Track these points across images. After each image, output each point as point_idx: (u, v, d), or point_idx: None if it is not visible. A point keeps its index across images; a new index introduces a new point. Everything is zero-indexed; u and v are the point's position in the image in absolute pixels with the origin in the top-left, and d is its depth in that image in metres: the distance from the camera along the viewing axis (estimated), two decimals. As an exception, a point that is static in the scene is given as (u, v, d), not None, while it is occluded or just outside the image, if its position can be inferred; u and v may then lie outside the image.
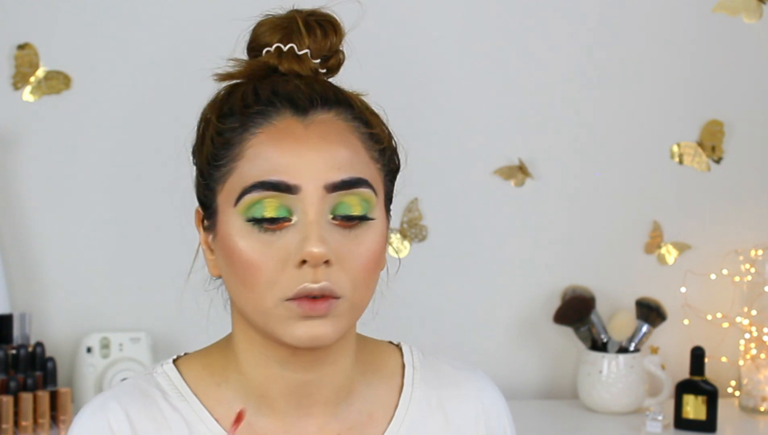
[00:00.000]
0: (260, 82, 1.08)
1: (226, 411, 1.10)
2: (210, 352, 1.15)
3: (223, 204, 1.06)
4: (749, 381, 2.51)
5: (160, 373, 1.13)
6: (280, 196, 1.02)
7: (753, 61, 2.64)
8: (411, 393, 1.16)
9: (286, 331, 1.03)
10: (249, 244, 1.03)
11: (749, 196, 2.66)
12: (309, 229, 1.02)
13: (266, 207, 1.02)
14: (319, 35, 1.09)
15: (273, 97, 1.06)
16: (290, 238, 1.02)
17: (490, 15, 2.54)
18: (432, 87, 2.50)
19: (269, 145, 1.04)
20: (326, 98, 1.07)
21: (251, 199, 1.03)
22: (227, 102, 1.09)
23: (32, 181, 2.36)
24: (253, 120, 1.05)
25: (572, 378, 2.59)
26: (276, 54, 1.09)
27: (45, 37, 2.35)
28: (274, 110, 1.05)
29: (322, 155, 1.03)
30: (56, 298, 2.37)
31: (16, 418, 2.09)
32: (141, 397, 1.11)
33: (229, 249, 1.04)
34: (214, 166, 1.07)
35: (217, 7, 2.41)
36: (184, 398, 1.11)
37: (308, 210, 1.02)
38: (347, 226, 1.04)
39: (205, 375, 1.13)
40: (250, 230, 1.03)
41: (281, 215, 1.03)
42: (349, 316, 1.05)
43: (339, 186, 1.03)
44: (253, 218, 1.03)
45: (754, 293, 2.58)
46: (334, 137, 1.05)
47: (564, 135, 2.59)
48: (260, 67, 1.10)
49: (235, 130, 1.06)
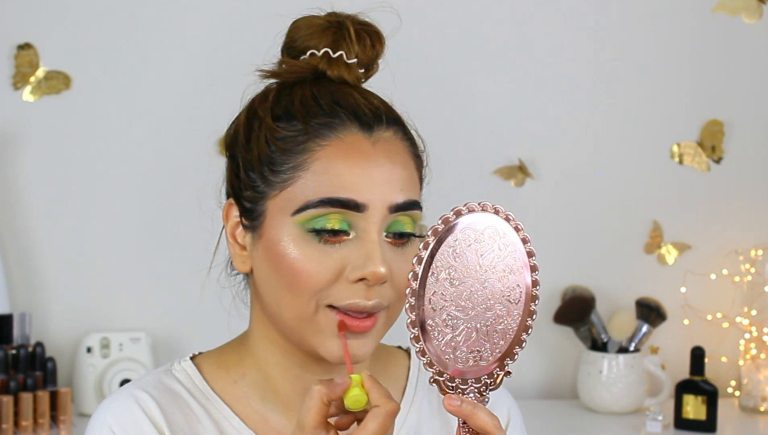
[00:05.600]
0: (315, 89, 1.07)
1: (245, 408, 1.11)
2: (224, 351, 1.15)
3: (276, 210, 1.05)
4: (749, 381, 2.51)
5: (179, 370, 1.13)
6: (345, 212, 1.02)
7: (753, 61, 2.64)
8: (413, 396, 1.18)
9: (322, 342, 1.04)
10: (305, 252, 1.03)
11: (749, 196, 2.66)
12: (373, 248, 1.02)
13: (330, 220, 1.02)
14: (368, 45, 1.10)
15: (337, 108, 1.05)
16: (348, 252, 1.02)
17: (490, 16, 2.54)
18: (431, 87, 2.50)
19: (337, 160, 1.03)
20: (387, 116, 1.08)
21: (315, 213, 1.02)
22: (280, 103, 1.08)
23: (32, 181, 2.36)
24: (319, 131, 1.04)
25: (572, 378, 2.59)
26: (325, 59, 1.09)
27: (45, 37, 2.35)
28: (341, 123, 1.05)
29: (388, 175, 1.04)
30: (56, 298, 2.37)
31: (16, 418, 2.09)
32: (167, 390, 1.11)
33: (280, 254, 1.04)
34: (270, 170, 1.05)
35: (217, 8, 2.41)
36: (206, 396, 1.11)
37: (371, 229, 1.03)
38: (398, 243, 1.05)
39: (221, 373, 1.13)
40: (308, 240, 1.03)
41: (342, 228, 1.03)
42: (384, 330, 1.07)
43: (401, 207, 1.05)
44: (314, 229, 1.03)
45: (754, 293, 2.58)
46: (397, 157, 1.06)
47: (564, 135, 2.59)
48: (307, 70, 1.09)
49: (297, 137, 1.05)
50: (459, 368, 0.97)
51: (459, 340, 0.96)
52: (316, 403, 0.96)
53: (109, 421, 1.08)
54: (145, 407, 1.08)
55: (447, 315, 0.96)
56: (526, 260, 0.98)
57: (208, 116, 2.34)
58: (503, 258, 0.97)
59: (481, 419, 0.96)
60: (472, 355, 0.97)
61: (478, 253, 0.96)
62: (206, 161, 2.20)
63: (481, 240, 0.96)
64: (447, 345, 0.96)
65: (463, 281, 0.96)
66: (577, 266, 2.59)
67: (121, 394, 1.10)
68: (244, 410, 1.11)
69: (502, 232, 0.97)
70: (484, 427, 0.96)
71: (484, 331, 0.97)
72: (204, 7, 2.41)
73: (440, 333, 0.96)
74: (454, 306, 0.96)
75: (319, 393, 0.96)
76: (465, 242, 0.96)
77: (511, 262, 0.97)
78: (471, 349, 0.97)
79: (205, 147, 2.32)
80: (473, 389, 0.98)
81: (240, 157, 1.09)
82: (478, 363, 0.97)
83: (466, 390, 0.98)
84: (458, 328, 0.96)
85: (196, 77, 2.40)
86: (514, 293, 0.98)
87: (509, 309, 0.98)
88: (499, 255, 0.97)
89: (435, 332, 0.96)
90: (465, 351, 0.97)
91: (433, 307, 0.95)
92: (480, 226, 0.96)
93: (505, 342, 0.98)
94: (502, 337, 0.98)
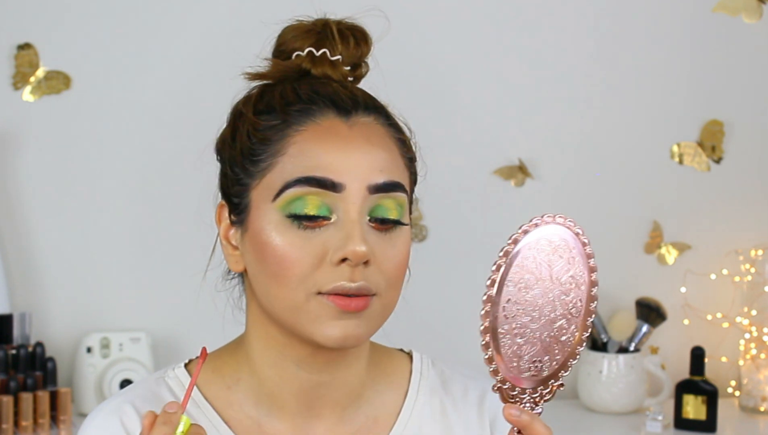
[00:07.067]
0: (297, 83, 1.09)
1: (237, 414, 1.11)
2: (219, 356, 1.15)
3: (258, 199, 1.06)
4: (749, 381, 2.51)
5: (172, 377, 1.14)
6: (323, 193, 1.03)
7: (753, 61, 2.64)
8: (415, 400, 1.17)
9: (317, 329, 1.04)
10: (286, 239, 1.03)
11: (749, 196, 2.66)
12: (352, 227, 1.02)
13: (308, 203, 1.03)
14: (351, 43, 1.11)
15: (315, 96, 1.07)
16: (329, 235, 1.03)
17: (490, 16, 2.54)
18: (431, 87, 2.50)
19: (314, 143, 1.04)
20: (366, 103, 1.09)
21: (293, 194, 1.03)
22: (262, 100, 1.09)
23: (32, 181, 2.36)
24: (296, 118, 1.06)
25: (572, 378, 2.59)
26: (309, 58, 1.10)
27: (45, 37, 2.35)
28: (318, 109, 1.06)
29: (366, 156, 1.05)
30: (56, 298, 2.37)
31: (16, 418, 2.09)
32: (155, 400, 1.11)
33: (263, 244, 1.04)
34: (251, 161, 1.06)
35: (217, 9, 2.41)
36: (196, 403, 1.11)
37: (350, 209, 1.03)
38: (382, 229, 1.05)
39: (215, 378, 1.13)
40: (288, 226, 1.03)
41: (321, 213, 1.03)
42: (380, 317, 1.06)
43: (381, 188, 1.05)
44: (293, 214, 1.03)
45: (754, 293, 2.58)
46: (376, 140, 1.07)
47: (564, 135, 2.59)
48: (292, 69, 1.11)
49: (275, 126, 1.06)
50: (519, 377, 0.98)
51: (524, 349, 0.98)
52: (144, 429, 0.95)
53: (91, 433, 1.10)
54: (126, 421, 1.09)
55: (517, 324, 0.97)
56: (588, 275, 1.00)
57: (208, 116, 2.33)
58: (569, 271, 0.99)
59: (537, 430, 0.98)
60: (533, 365, 0.98)
61: (550, 264, 0.98)
62: (206, 161, 2.20)
63: (554, 252, 0.98)
64: (513, 354, 0.97)
65: (535, 291, 0.97)
66: (577, 266, 2.58)
67: (108, 406, 1.11)
68: (236, 416, 1.11)
69: (572, 246, 0.99)
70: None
71: (547, 342, 0.98)
72: (205, 7, 2.41)
73: (510, 341, 0.97)
74: (526, 315, 0.97)
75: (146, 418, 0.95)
76: (541, 253, 0.97)
77: (576, 275, 0.99)
78: (533, 359, 0.98)
79: (205, 147, 2.32)
80: (529, 399, 1.00)
81: (227, 155, 1.11)
82: (539, 374, 0.99)
83: (523, 399, 1.00)
84: (526, 337, 0.97)
85: (196, 77, 2.40)
86: (576, 307, 0.99)
87: (570, 322, 0.99)
88: (567, 268, 0.99)
89: (505, 340, 0.97)
90: (527, 361, 0.98)
91: (506, 314, 0.96)
92: (554, 238, 0.98)
93: (562, 355, 1.00)
94: (561, 349, 1.00)
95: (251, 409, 1.11)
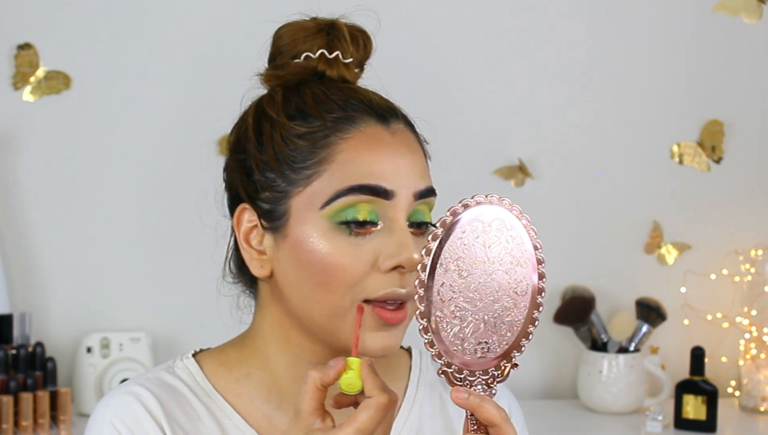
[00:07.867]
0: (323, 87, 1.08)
1: (247, 406, 1.11)
2: (224, 350, 1.15)
3: (301, 207, 1.05)
4: (749, 381, 2.51)
5: (181, 367, 1.13)
6: (374, 200, 1.03)
7: (753, 61, 2.64)
8: (414, 395, 1.18)
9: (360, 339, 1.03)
10: (336, 246, 1.03)
11: (749, 196, 2.66)
12: (403, 235, 1.03)
13: (359, 210, 1.03)
14: (361, 45, 1.12)
15: (351, 102, 1.07)
16: (378, 242, 1.03)
17: (490, 16, 2.54)
18: (431, 87, 2.50)
19: (362, 151, 1.04)
20: (395, 109, 1.10)
21: (345, 203, 1.03)
22: (290, 103, 1.08)
23: (32, 181, 2.36)
24: (339, 125, 1.05)
25: (572, 378, 2.59)
26: (323, 60, 1.10)
27: (45, 37, 2.35)
28: (359, 116, 1.06)
29: (410, 163, 1.06)
30: (56, 298, 2.37)
31: (16, 418, 2.09)
32: (167, 387, 1.11)
33: (310, 251, 1.04)
34: (292, 168, 1.05)
35: (216, 9, 2.41)
36: (207, 394, 1.11)
37: (399, 217, 1.04)
38: (419, 233, 1.06)
39: (223, 371, 1.13)
40: (338, 233, 1.03)
41: (371, 219, 1.03)
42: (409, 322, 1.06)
43: (424, 194, 1.06)
44: (344, 221, 1.03)
45: (754, 293, 2.58)
46: (414, 146, 1.08)
47: (564, 135, 2.59)
48: (307, 71, 1.10)
49: (317, 133, 1.05)
50: (467, 360, 0.97)
51: (467, 331, 0.97)
52: (311, 389, 0.96)
53: (110, 416, 1.08)
54: (144, 402, 1.08)
55: (455, 307, 0.96)
56: (533, 253, 0.99)
57: (208, 116, 2.35)
58: (510, 250, 0.98)
59: (488, 411, 0.96)
60: (479, 347, 0.97)
61: (486, 244, 0.97)
62: (206, 161, 2.20)
63: (488, 232, 0.97)
64: (455, 337, 0.96)
65: (471, 273, 0.96)
66: (577, 266, 2.59)
67: (119, 391, 1.10)
68: (247, 409, 1.11)
69: (509, 225, 0.98)
70: (492, 420, 0.96)
71: (491, 323, 0.97)
72: (205, 7, 2.41)
73: (448, 324, 0.96)
74: (463, 298, 0.96)
75: (312, 378, 0.97)
76: (473, 234, 0.96)
77: (517, 254, 0.98)
78: (479, 340, 0.97)
79: (206, 147, 2.32)
80: (481, 381, 0.98)
81: (252, 159, 1.08)
82: (486, 355, 0.98)
83: (474, 382, 0.98)
84: (466, 320, 0.96)
85: (197, 77, 2.40)
86: (521, 285, 0.99)
87: (516, 301, 0.98)
88: (506, 247, 0.98)
89: (443, 324, 0.96)
90: (473, 343, 0.97)
91: (441, 298, 0.96)
92: (487, 218, 0.97)
93: (512, 334, 0.98)
94: (509, 329, 0.98)
95: (261, 404, 1.11)
